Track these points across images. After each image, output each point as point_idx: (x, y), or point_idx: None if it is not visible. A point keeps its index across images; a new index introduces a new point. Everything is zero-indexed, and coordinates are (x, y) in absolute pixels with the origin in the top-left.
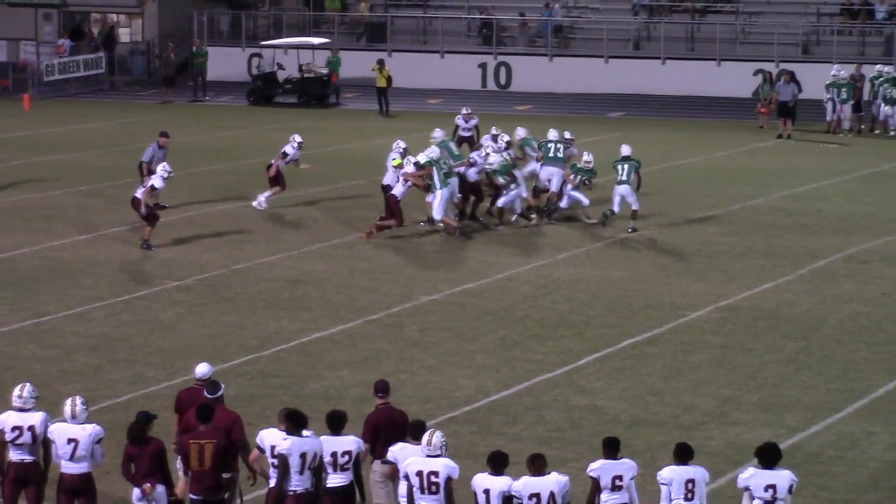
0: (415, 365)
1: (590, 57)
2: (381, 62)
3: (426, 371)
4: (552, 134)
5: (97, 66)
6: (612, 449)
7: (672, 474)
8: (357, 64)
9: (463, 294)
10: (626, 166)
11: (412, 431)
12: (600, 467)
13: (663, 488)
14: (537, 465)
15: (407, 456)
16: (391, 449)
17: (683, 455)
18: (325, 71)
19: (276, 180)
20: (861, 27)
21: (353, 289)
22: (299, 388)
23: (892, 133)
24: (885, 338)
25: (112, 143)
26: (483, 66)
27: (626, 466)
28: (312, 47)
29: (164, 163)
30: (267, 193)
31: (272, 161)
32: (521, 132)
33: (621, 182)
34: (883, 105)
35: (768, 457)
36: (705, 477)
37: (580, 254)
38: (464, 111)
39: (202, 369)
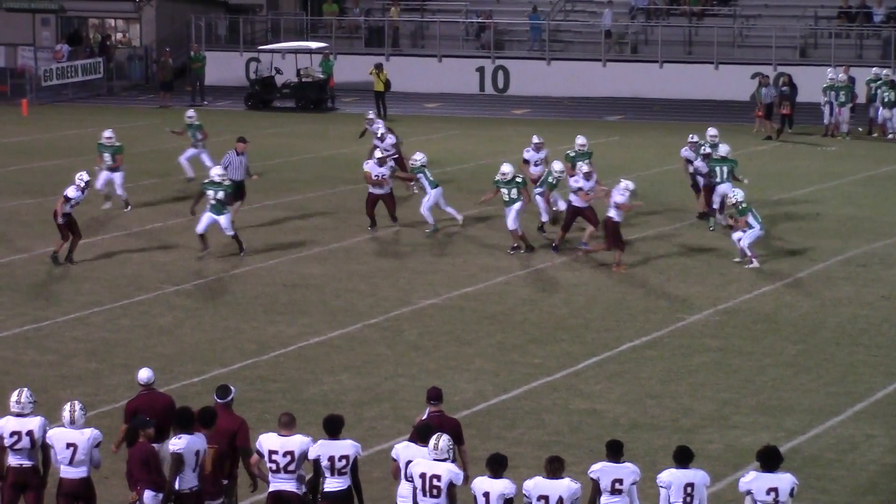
0: (414, 369)
1: (587, 60)
2: (378, 66)
3: (425, 375)
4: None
5: (95, 71)
6: (614, 452)
7: (671, 478)
8: (355, 68)
9: (462, 298)
10: (724, 167)
11: (419, 434)
12: (601, 469)
13: (662, 491)
14: (553, 468)
15: (410, 456)
16: (396, 447)
17: (683, 458)
18: (322, 75)
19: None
20: (859, 30)
21: (352, 293)
22: (298, 392)
23: (889, 136)
24: (883, 341)
25: None
26: (481, 69)
27: (627, 471)
28: (310, 52)
29: (83, 172)
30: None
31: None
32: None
33: (720, 182)
34: (881, 108)
35: (770, 460)
36: (706, 481)
37: (578, 257)
38: (535, 140)
39: (144, 374)
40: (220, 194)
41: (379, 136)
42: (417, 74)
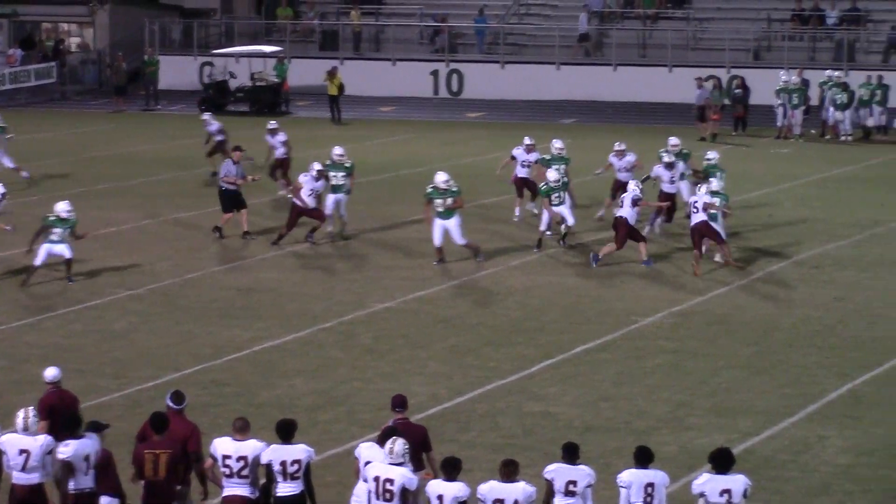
0: (368, 373)
1: (542, 64)
2: (333, 70)
3: (380, 378)
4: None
5: (48, 75)
6: (570, 454)
7: (632, 478)
8: (310, 72)
9: (416, 301)
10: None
11: (382, 437)
12: (555, 470)
13: (622, 491)
14: (508, 472)
15: (369, 457)
16: (360, 446)
17: (643, 458)
18: (276, 79)
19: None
20: (812, 33)
21: (306, 297)
22: (252, 396)
23: (842, 138)
24: (837, 342)
25: (63, 152)
26: (435, 73)
27: (582, 473)
28: (264, 55)
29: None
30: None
31: None
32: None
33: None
34: (833, 111)
35: (722, 462)
36: (665, 481)
37: (532, 261)
38: (527, 141)
39: (51, 373)
40: (66, 233)
41: (215, 130)
42: (372, 78)
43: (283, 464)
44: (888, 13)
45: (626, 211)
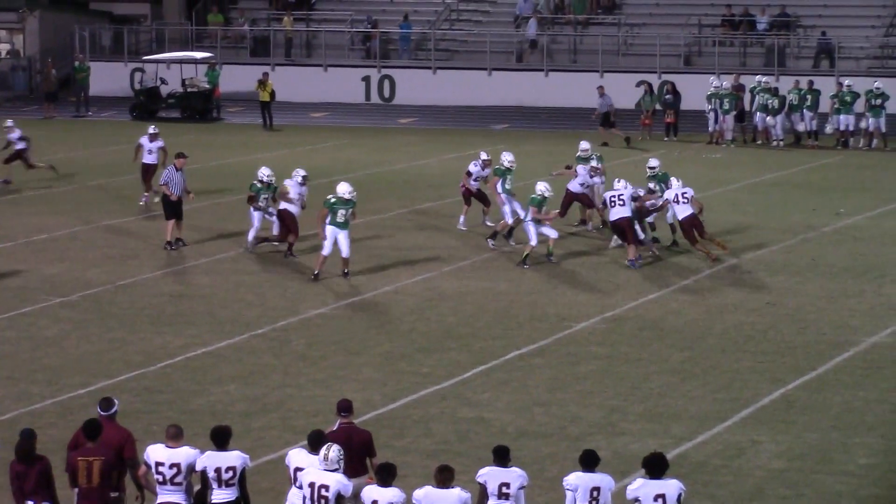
0: (301, 379)
1: (473, 69)
2: (264, 76)
3: (313, 385)
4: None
5: None
6: (500, 457)
7: (578, 481)
8: (241, 78)
9: (349, 307)
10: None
11: (310, 442)
12: (487, 473)
13: (568, 494)
14: (443, 478)
15: (299, 463)
16: (290, 453)
17: (589, 462)
18: (208, 85)
19: None
20: (742, 38)
21: (239, 303)
22: (185, 403)
23: (773, 144)
24: (769, 347)
25: None
26: (367, 79)
27: (514, 475)
28: (195, 62)
29: None
30: None
31: None
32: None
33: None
34: (764, 116)
35: (656, 467)
36: (611, 485)
37: (465, 266)
38: (483, 156)
39: None
40: None
41: (15, 138)
42: (304, 84)
43: (217, 470)
44: (818, 18)
45: (627, 210)
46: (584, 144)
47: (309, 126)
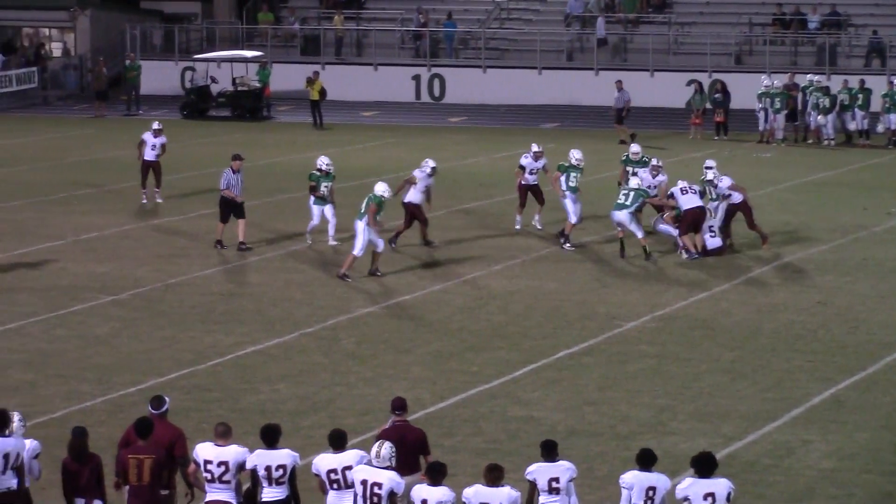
0: (351, 378)
1: (523, 68)
2: (314, 75)
3: (363, 384)
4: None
5: (30, 80)
6: (548, 451)
7: (634, 479)
8: (291, 77)
9: (399, 306)
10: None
11: (332, 441)
12: (536, 469)
13: (624, 492)
14: (493, 476)
15: (329, 464)
16: (314, 461)
17: (646, 461)
18: (258, 84)
19: None
20: (793, 37)
21: (289, 302)
22: (235, 401)
23: (824, 143)
24: (819, 346)
25: (44, 157)
26: (417, 78)
27: (562, 468)
28: (246, 60)
29: None
30: None
31: None
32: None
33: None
34: (815, 115)
35: (705, 466)
36: (667, 486)
37: (515, 265)
38: (534, 148)
39: None
40: None
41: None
42: (353, 83)
43: (267, 469)
44: (869, 17)
45: (698, 199)
46: (635, 147)
47: (359, 125)
